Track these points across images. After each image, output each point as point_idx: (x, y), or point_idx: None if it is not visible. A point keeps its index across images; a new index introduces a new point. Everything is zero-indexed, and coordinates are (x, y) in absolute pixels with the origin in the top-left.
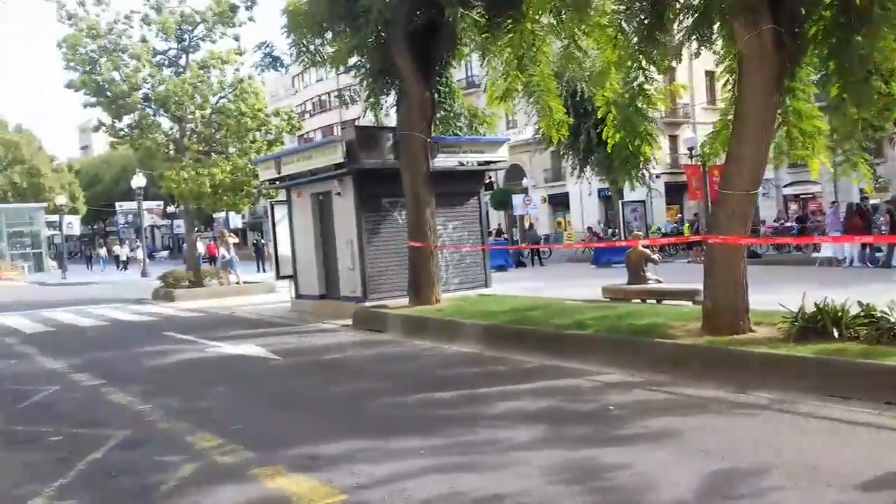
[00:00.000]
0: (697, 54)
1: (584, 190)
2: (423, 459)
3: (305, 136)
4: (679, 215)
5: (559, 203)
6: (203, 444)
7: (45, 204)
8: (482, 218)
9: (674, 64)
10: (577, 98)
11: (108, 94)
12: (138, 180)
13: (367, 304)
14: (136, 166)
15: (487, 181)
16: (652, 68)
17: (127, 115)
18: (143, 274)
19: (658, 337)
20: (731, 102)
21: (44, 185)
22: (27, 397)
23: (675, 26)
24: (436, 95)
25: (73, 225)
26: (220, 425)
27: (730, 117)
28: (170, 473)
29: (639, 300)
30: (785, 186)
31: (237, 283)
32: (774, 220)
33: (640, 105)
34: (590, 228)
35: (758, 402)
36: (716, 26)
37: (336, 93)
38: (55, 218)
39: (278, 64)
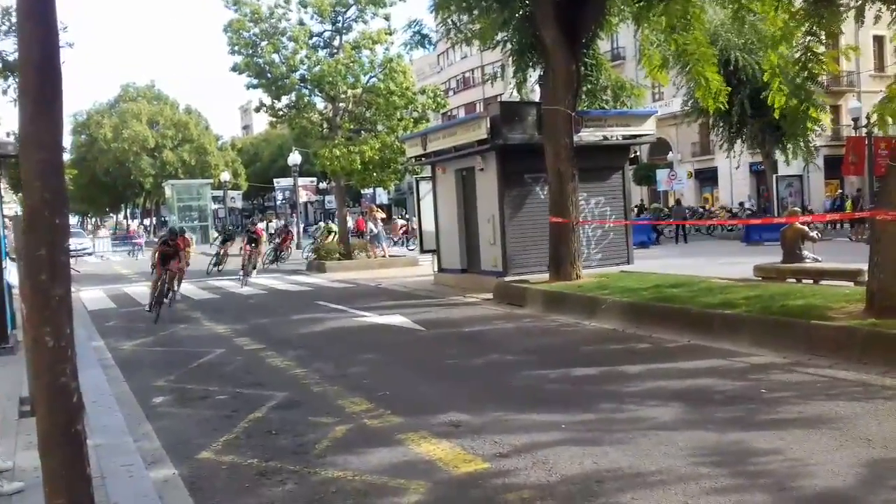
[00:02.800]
0: (877, 18)
1: (734, 164)
2: (565, 433)
3: (449, 113)
4: (839, 191)
5: (706, 178)
6: (353, 407)
7: (211, 180)
8: (626, 193)
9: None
10: (731, 68)
11: (269, 75)
12: (294, 158)
13: (508, 278)
14: (293, 145)
15: (632, 155)
16: (822, 32)
17: (285, 95)
18: (298, 246)
19: (815, 318)
20: None
21: (210, 162)
22: (197, 358)
23: None
24: (582, 68)
25: (236, 200)
26: (369, 390)
27: None
28: (324, 434)
29: (794, 280)
30: None
31: (384, 256)
32: None
33: (811, 70)
34: (741, 204)
35: None
36: None
37: (480, 70)
38: (220, 193)
39: (426, 42)
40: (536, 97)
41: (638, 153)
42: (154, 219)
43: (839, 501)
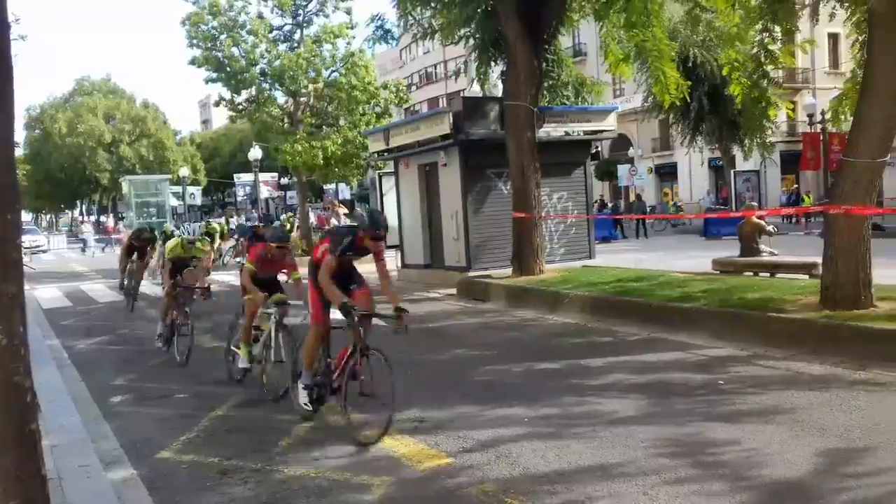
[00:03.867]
0: (832, 16)
1: (693, 160)
2: (528, 427)
3: (412, 108)
4: (795, 185)
5: (667, 173)
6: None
7: (169, 176)
8: (588, 189)
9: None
10: (690, 64)
11: (228, 69)
12: (255, 153)
13: (471, 273)
14: (253, 140)
15: (594, 151)
16: (776, 28)
17: (245, 89)
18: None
19: (772, 311)
20: (860, 64)
21: (168, 157)
22: (157, 356)
23: None
24: (544, 64)
25: (196, 196)
26: None
27: (859, 80)
28: (286, 431)
29: (751, 273)
30: None
31: None
32: None
33: (766, 68)
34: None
35: (878, 380)
36: None
37: (443, 65)
38: (179, 189)
39: (389, 37)
40: (499, 92)
41: (599, 149)
42: (112, 215)
43: (793, 490)
